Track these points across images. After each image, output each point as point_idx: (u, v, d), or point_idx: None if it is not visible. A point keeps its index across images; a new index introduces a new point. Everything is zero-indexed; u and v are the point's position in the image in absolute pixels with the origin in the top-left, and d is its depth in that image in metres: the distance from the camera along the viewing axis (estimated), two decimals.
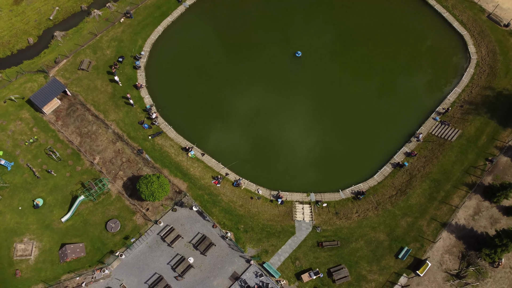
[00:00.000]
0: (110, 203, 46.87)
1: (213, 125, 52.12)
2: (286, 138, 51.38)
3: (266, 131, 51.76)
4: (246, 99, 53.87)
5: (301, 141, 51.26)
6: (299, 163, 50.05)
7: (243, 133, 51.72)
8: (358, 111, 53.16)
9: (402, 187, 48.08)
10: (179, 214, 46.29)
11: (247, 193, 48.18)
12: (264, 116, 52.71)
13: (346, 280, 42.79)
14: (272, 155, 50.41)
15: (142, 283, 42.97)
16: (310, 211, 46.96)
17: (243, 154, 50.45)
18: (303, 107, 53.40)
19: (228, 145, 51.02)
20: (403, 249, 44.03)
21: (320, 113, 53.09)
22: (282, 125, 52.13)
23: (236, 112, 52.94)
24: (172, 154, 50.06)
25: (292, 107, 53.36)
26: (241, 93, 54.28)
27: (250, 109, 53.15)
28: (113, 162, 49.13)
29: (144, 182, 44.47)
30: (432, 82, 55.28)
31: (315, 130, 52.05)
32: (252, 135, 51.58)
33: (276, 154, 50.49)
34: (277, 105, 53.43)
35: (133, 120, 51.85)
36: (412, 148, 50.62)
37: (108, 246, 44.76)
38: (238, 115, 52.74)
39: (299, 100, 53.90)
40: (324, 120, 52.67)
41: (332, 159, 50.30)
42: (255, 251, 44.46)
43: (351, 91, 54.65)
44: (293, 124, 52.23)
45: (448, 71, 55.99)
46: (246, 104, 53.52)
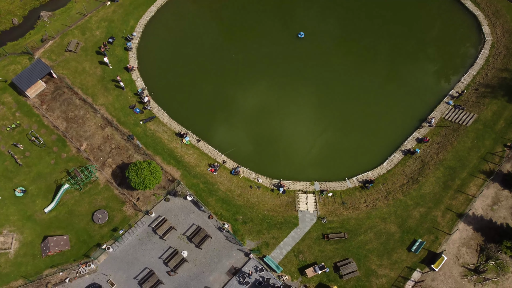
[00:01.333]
0: (97, 193, 43.24)
1: (209, 110, 48.47)
2: (288, 124, 47.73)
3: (267, 117, 48.11)
4: (245, 83, 50.26)
5: (304, 127, 47.61)
6: (302, 150, 46.41)
7: (241, 118, 48.09)
8: (365, 95, 49.54)
9: (413, 175, 44.43)
10: (172, 204, 42.65)
11: (246, 181, 44.54)
12: (265, 102, 49.09)
13: (354, 275, 39.13)
14: (273, 142, 46.78)
15: (131, 279, 39.32)
16: (315, 201, 43.32)
17: (242, 140, 46.82)
18: (307, 93, 49.77)
19: (226, 130, 47.41)
20: (416, 241, 40.38)
21: (325, 98, 49.44)
22: (284, 111, 48.47)
23: (234, 96, 49.33)
24: (165, 140, 46.43)
25: (295, 92, 49.74)
26: (240, 77, 50.67)
27: (250, 93, 49.54)
28: (102, 149, 45.51)
29: (134, 169, 40.84)
30: (444, 65, 51.67)
31: (319, 115, 48.40)
32: (252, 121, 47.94)
33: (277, 140, 46.85)
34: (278, 90, 49.80)
35: (124, 104, 48.24)
36: (424, 133, 46.98)
37: (94, 239, 41.14)
38: (236, 100, 49.12)
39: (302, 85, 50.29)
40: (329, 105, 49.03)
41: (338, 146, 46.66)
42: (254, 244, 40.81)
43: (357, 75, 51.05)
44: (296, 110, 48.57)
45: (460, 54, 52.37)
46: (245, 88, 49.91)
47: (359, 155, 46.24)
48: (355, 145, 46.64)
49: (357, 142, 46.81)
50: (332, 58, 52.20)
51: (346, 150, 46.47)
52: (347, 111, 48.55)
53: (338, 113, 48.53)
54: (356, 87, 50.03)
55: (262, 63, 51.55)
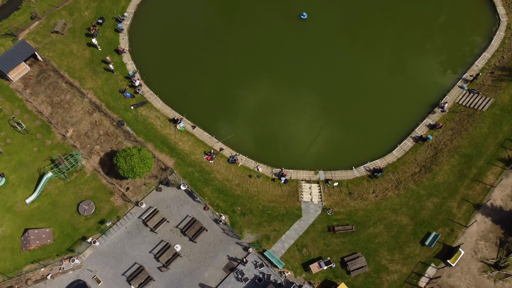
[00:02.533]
0: (83, 182, 39.88)
1: (205, 95, 45.12)
2: (290, 110, 44.35)
3: (267, 103, 44.75)
4: (244, 68, 46.89)
5: (308, 114, 44.25)
6: (306, 137, 43.04)
7: (240, 103, 44.73)
8: (372, 80, 46.17)
9: (426, 163, 41.06)
10: (164, 194, 39.29)
11: (245, 170, 41.18)
12: (266, 89, 45.72)
13: (363, 271, 35.76)
14: (274, 129, 43.42)
15: (118, 275, 35.94)
16: (319, 191, 39.96)
17: (240, 127, 43.47)
18: (310, 78, 46.37)
19: (223, 116, 44.04)
20: (430, 234, 37.02)
21: (330, 85, 46.03)
22: (286, 98, 45.06)
23: (232, 81, 45.95)
24: (157, 126, 43.08)
25: (297, 81, 46.31)
26: (239, 61, 47.30)
27: (249, 79, 46.18)
28: (89, 136, 42.14)
29: (122, 155, 37.50)
30: (456, 47, 48.25)
31: (324, 101, 45.02)
32: (251, 107, 44.60)
33: (279, 127, 43.49)
34: (279, 79, 46.36)
35: (114, 88, 44.89)
36: (436, 119, 43.64)
37: (80, 232, 37.78)
38: (234, 85, 45.74)
39: (306, 70, 46.90)
40: (335, 92, 45.65)
41: (343, 134, 43.32)
42: (254, 237, 37.45)
43: (365, 58, 47.70)
44: (298, 98, 45.16)
45: (473, 36, 48.97)
46: (244, 73, 46.54)
47: (366, 143, 42.88)
48: (362, 132, 43.28)
49: (364, 129, 43.45)
50: (337, 44, 48.81)
51: (352, 137, 43.13)
52: (353, 98, 45.17)
53: (344, 100, 45.16)
54: (363, 72, 46.64)
55: (262, 48, 48.15)
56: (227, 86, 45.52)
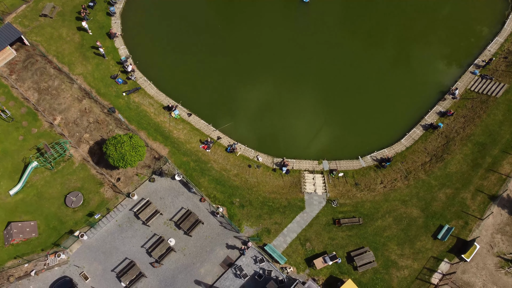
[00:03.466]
0: (71, 172, 37.32)
1: (201, 81, 42.55)
2: (292, 98, 41.75)
3: (268, 90, 42.19)
4: (243, 51, 44.33)
5: (310, 101, 41.70)
6: (308, 126, 40.50)
7: (239, 90, 42.16)
8: (379, 66, 43.67)
9: (437, 152, 38.53)
10: (158, 185, 36.74)
11: (244, 160, 38.64)
12: (266, 75, 43.13)
13: (371, 266, 33.22)
14: (275, 116, 40.86)
15: (108, 271, 33.38)
16: (323, 181, 37.42)
17: (239, 115, 40.92)
18: (313, 66, 43.77)
19: (221, 103, 41.47)
20: (443, 227, 34.50)
21: (334, 72, 43.47)
22: (288, 85, 42.49)
23: (231, 65, 43.38)
24: (151, 113, 40.52)
25: (300, 62, 43.81)
26: (238, 46, 44.72)
27: (249, 63, 43.61)
28: (78, 123, 39.58)
29: (112, 143, 34.95)
30: (466, 32, 45.71)
31: (328, 89, 42.47)
32: (252, 94, 42.04)
33: (280, 114, 40.93)
34: (281, 64, 43.75)
35: (105, 74, 42.33)
36: (447, 106, 41.11)
37: (67, 225, 35.24)
38: (233, 71, 43.19)
39: (308, 58, 44.30)
40: (339, 78, 43.08)
41: (348, 122, 40.77)
42: (253, 231, 34.91)
43: (371, 45, 45.19)
44: (301, 85, 42.61)
45: (484, 19, 46.41)
46: (243, 57, 43.97)
47: (372, 131, 40.34)
48: (368, 121, 40.74)
49: (370, 117, 40.90)
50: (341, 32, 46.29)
51: (357, 126, 40.58)
52: (359, 86, 42.60)
53: (349, 88, 42.57)
54: (369, 59, 44.11)
55: (262, 36, 45.51)
56: (225, 72, 42.96)
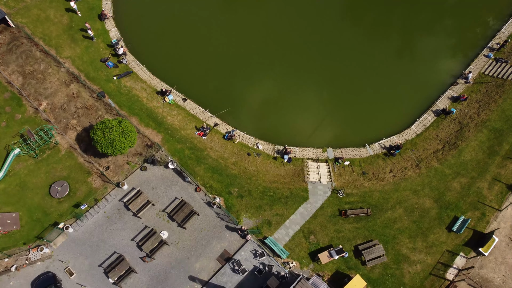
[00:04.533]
0: (57, 161, 34.68)
1: (198, 64, 39.90)
2: (295, 81, 39.10)
3: (269, 74, 39.46)
4: (243, 34, 41.65)
5: (314, 85, 39.05)
6: (312, 111, 37.89)
7: (238, 74, 39.51)
8: (388, 50, 41.03)
9: (450, 139, 35.92)
10: (150, 174, 34.12)
11: (243, 148, 36.02)
12: (268, 58, 40.46)
13: (381, 261, 30.59)
14: (276, 102, 38.23)
15: (94, 267, 30.74)
16: (328, 170, 34.81)
17: (238, 100, 38.27)
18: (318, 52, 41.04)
19: (219, 88, 38.85)
20: (458, 219, 31.89)
21: (341, 55, 40.80)
22: (291, 68, 39.83)
23: (229, 48, 40.72)
24: (143, 98, 37.90)
25: (304, 44, 41.17)
26: (237, 28, 42.04)
27: (249, 47, 40.93)
28: (65, 109, 36.95)
29: (100, 127, 32.34)
30: (478, 14, 43.06)
31: (334, 73, 39.83)
32: (251, 77, 39.38)
33: (282, 100, 38.30)
34: (283, 44, 41.14)
35: (94, 57, 39.68)
36: (459, 91, 38.51)
37: (51, 217, 32.61)
38: (232, 52, 40.53)
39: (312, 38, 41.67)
40: (346, 62, 40.41)
41: (355, 107, 38.16)
42: (253, 223, 32.28)
43: (380, 24, 42.57)
44: (305, 67, 39.92)
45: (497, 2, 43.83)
46: (243, 40, 41.28)
47: (380, 118, 37.77)
48: (375, 107, 38.13)
49: (378, 103, 38.29)
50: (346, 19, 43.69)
51: (364, 112, 37.96)
52: (365, 70, 39.95)
53: (354, 72, 39.91)
54: (377, 43, 41.50)
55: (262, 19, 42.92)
56: (223, 55, 40.30)
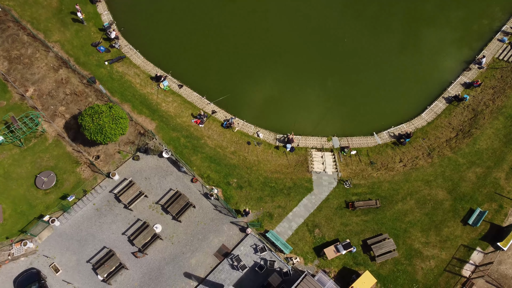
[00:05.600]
0: (44, 150, 32.44)
1: (195, 48, 37.63)
2: (298, 68, 36.89)
3: (271, 61, 37.24)
4: (243, 17, 39.37)
5: (318, 72, 36.82)
6: (316, 98, 35.69)
7: (238, 59, 37.30)
8: (395, 34, 38.82)
9: (464, 127, 33.68)
10: (143, 163, 31.86)
11: (242, 136, 33.78)
12: (270, 43, 38.20)
13: (392, 256, 28.33)
14: (279, 88, 36.03)
15: (82, 263, 28.47)
16: (334, 160, 32.57)
17: (238, 86, 36.04)
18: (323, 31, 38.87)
19: (217, 73, 36.61)
20: (474, 211, 29.63)
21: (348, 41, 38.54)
22: (293, 54, 37.58)
23: (228, 31, 38.44)
24: (136, 84, 35.67)
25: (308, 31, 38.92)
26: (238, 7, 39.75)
27: (250, 31, 38.68)
28: (53, 95, 34.70)
29: (89, 113, 30.13)
30: None
31: (338, 59, 37.62)
32: (252, 63, 37.18)
33: (284, 87, 36.10)
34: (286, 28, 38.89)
35: (85, 42, 37.44)
36: (472, 77, 36.27)
37: (36, 210, 30.35)
38: (231, 37, 38.25)
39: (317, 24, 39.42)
40: (352, 48, 38.16)
41: (361, 94, 35.92)
42: (253, 215, 30.03)
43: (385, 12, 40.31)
44: (309, 52, 37.71)
45: None
46: (243, 25, 39.01)
47: (389, 105, 35.57)
48: (383, 94, 35.91)
49: (385, 89, 36.07)
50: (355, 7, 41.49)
51: (371, 99, 35.73)
52: (373, 56, 37.73)
53: (362, 58, 37.67)
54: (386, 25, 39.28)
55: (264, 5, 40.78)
56: (222, 38, 38.04)
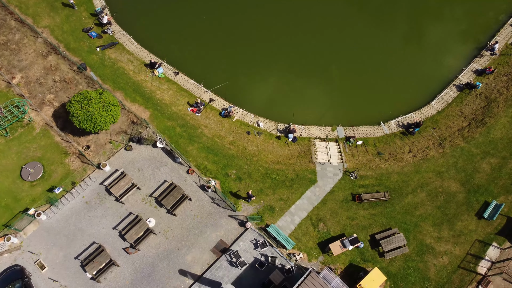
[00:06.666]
0: (31, 140, 30.52)
1: (192, 34, 35.72)
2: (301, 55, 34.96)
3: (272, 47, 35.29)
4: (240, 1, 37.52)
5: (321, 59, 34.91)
6: (319, 87, 33.79)
7: (237, 45, 35.39)
8: (403, 20, 36.93)
9: (476, 115, 31.75)
10: (135, 154, 29.95)
11: (242, 126, 31.85)
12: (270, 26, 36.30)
13: (402, 252, 26.39)
14: (280, 75, 34.12)
15: (70, 259, 26.55)
16: (339, 150, 30.65)
17: (237, 73, 34.13)
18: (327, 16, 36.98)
19: (215, 60, 34.69)
20: (489, 204, 27.69)
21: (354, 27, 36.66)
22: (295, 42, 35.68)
23: (227, 15, 36.53)
24: (129, 71, 33.74)
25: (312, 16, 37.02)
26: None
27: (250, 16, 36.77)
28: (41, 83, 32.79)
29: (77, 99, 28.22)
30: None
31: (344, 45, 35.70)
32: (252, 49, 35.28)
33: (286, 73, 34.19)
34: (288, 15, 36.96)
35: (76, 27, 35.53)
36: (485, 64, 34.34)
37: (22, 203, 28.43)
38: (230, 21, 36.35)
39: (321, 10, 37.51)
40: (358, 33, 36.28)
41: (367, 83, 33.96)
42: (253, 209, 28.10)
43: None
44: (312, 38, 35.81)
45: None
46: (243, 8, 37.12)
47: (396, 94, 33.60)
48: (390, 82, 33.96)
49: (393, 77, 34.14)
50: None
51: (378, 87, 33.76)
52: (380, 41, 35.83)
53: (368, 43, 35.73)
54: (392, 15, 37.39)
55: None
56: (221, 22, 36.14)
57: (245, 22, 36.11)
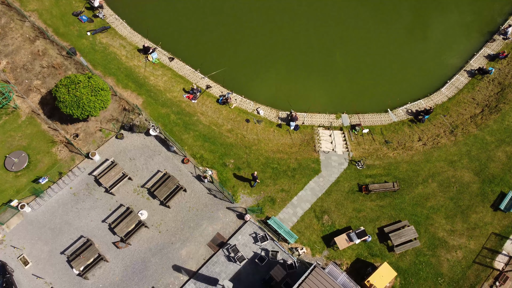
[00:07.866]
0: (16, 128, 28.66)
1: (188, 16, 33.95)
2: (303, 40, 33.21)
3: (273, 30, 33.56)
4: None
5: (325, 42, 33.14)
6: (322, 72, 32.00)
7: (235, 29, 33.59)
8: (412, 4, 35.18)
9: (490, 102, 29.94)
10: (127, 142, 28.09)
11: (240, 113, 30.01)
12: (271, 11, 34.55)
13: (412, 246, 24.54)
14: (281, 60, 32.32)
15: (56, 254, 24.67)
16: (344, 138, 28.80)
17: (235, 58, 32.34)
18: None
19: (212, 44, 32.88)
20: (505, 195, 25.90)
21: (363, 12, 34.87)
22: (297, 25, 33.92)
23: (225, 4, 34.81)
24: (122, 57, 31.90)
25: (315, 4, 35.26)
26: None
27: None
28: (28, 68, 30.93)
29: (64, 83, 26.37)
30: None
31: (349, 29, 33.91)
32: (252, 33, 33.48)
33: (287, 58, 32.40)
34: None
35: (66, 11, 33.71)
36: (497, 48, 32.56)
37: (5, 194, 26.55)
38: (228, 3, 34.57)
39: None
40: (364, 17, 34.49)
41: (374, 68, 32.22)
42: (253, 200, 26.24)
43: None
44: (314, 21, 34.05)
45: None
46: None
47: (404, 80, 31.90)
48: (397, 67, 32.26)
49: (401, 63, 32.43)
50: None
51: (385, 73, 32.06)
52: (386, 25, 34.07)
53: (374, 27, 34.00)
54: None
55: None
56: (218, 8, 34.32)
57: (245, 5, 34.31)
